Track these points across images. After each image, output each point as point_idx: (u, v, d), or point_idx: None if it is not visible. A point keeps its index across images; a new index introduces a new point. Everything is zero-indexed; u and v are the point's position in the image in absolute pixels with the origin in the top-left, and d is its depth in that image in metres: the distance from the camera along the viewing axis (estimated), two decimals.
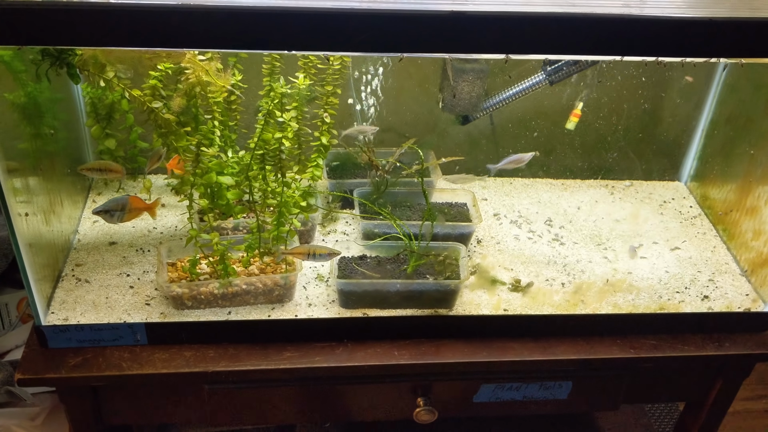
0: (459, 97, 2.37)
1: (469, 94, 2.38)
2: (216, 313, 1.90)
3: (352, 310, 1.94)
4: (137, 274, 2.01)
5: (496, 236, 2.35)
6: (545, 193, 2.58)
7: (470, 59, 2.35)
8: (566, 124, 2.41)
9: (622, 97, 2.53)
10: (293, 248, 1.82)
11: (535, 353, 1.97)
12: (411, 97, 2.51)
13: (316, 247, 1.82)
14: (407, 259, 2.12)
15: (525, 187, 2.62)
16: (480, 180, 2.33)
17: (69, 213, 2.23)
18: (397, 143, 2.39)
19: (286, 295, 1.95)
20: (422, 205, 2.40)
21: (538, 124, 2.56)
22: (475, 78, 2.36)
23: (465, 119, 2.46)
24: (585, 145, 2.59)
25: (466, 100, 2.39)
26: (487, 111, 2.44)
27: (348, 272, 1.99)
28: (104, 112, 2.25)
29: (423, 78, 2.49)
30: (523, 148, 2.62)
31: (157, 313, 1.89)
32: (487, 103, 2.42)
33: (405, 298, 1.94)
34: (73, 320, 1.83)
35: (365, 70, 2.38)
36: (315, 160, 2.12)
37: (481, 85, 2.39)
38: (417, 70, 2.47)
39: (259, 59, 2.23)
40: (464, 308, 2.00)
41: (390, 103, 2.42)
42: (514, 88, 2.40)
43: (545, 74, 2.37)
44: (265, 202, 2.05)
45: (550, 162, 2.63)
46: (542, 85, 2.38)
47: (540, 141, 2.58)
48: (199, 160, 1.89)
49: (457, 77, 2.35)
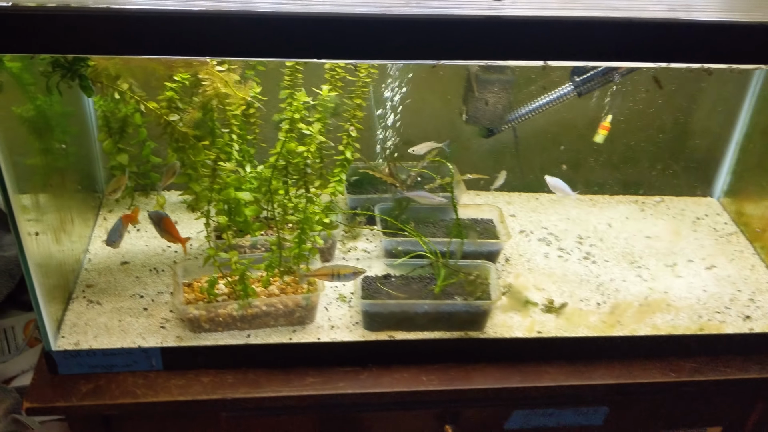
0: (484, 108, 2.28)
1: (495, 106, 2.29)
2: (234, 336, 1.83)
3: (377, 333, 1.86)
4: (151, 296, 1.93)
5: (525, 254, 2.26)
6: (573, 209, 2.48)
7: (496, 69, 2.27)
8: (594, 137, 2.32)
9: (651, 109, 2.44)
10: (316, 270, 1.73)
11: (571, 377, 1.88)
12: (432, 110, 2.42)
13: (340, 266, 1.73)
14: (434, 278, 2.02)
15: (552, 202, 2.52)
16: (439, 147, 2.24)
17: (79, 231, 2.14)
18: (417, 157, 2.30)
19: (307, 317, 1.86)
20: (446, 221, 2.31)
21: (565, 137, 2.46)
22: (500, 89, 2.27)
23: (489, 132, 2.37)
24: (613, 159, 2.50)
25: (491, 112, 2.30)
26: (512, 123, 2.35)
27: (372, 292, 1.89)
28: (117, 126, 2.17)
29: (445, 89, 2.40)
30: (549, 162, 2.53)
31: (173, 336, 1.81)
32: (512, 115, 2.33)
33: (433, 320, 1.86)
34: (85, 345, 1.76)
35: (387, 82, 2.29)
36: (337, 175, 2.02)
37: (507, 97, 2.30)
38: (438, 81, 2.38)
39: (276, 72, 2.15)
40: (495, 330, 1.91)
41: (410, 116, 2.32)
42: (541, 99, 2.31)
43: (573, 85, 2.28)
44: (284, 218, 1.96)
45: (577, 177, 2.53)
46: (570, 97, 2.29)
47: (566, 155, 2.49)
48: (217, 176, 1.79)
49: (482, 88, 2.26)
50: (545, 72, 2.33)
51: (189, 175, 2.03)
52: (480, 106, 2.28)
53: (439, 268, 1.97)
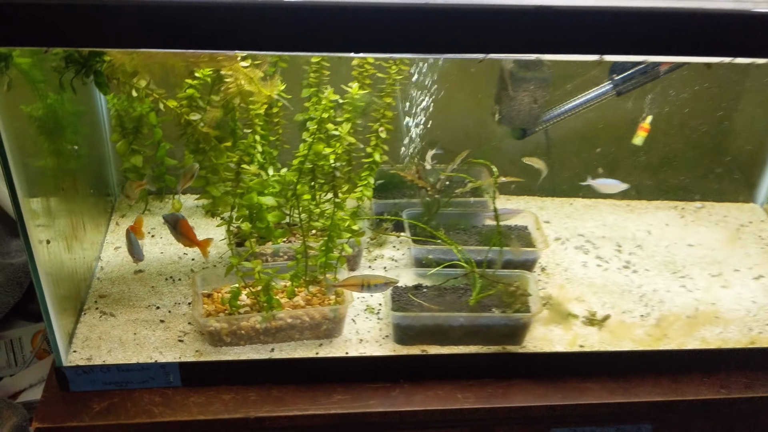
0: (518, 108, 2.17)
1: (530, 105, 2.17)
2: (257, 350, 1.74)
3: (408, 347, 1.77)
4: (168, 306, 1.84)
5: (562, 263, 2.14)
6: (610, 216, 2.37)
7: (531, 66, 2.15)
8: (633, 139, 2.20)
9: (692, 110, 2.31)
10: (345, 280, 1.63)
11: (616, 394, 1.78)
12: (462, 110, 2.30)
13: (370, 276, 1.63)
14: (469, 289, 1.90)
15: (587, 208, 2.41)
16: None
17: (91, 238, 2.03)
18: (444, 160, 2.17)
19: (334, 330, 1.78)
20: (477, 228, 2.19)
21: (601, 139, 2.34)
22: (536, 87, 2.15)
23: (523, 133, 2.25)
24: (652, 162, 2.37)
25: (526, 112, 2.18)
26: (548, 124, 2.23)
27: (403, 304, 1.80)
28: (131, 127, 2.06)
29: (476, 88, 2.28)
30: (584, 166, 2.40)
31: (192, 350, 1.73)
32: (548, 116, 2.21)
33: (468, 334, 1.77)
34: (98, 360, 1.68)
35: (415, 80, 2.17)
36: (365, 179, 1.90)
37: (543, 96, 2.18)
38: (469, 79, 2.26)
39: (297, 69, 2.03)
40: (535, 344, 1.82)
41: (439, 116, 2.20)
42: (578, 99, 2.19)
43: (612, 84, 2.16)
44: (309, 224, 1.84)
45: None
46: (609, 96, 2.17)
47: (602, 158, 2.36)
48: (240, 179, 1.67)
49: (517, 87, 2.14)
50: (582, 70, 2.22)
51: (206, 179, 1.93)
52: (514, 105, 2.16)
53: (474, 278, 1.84)
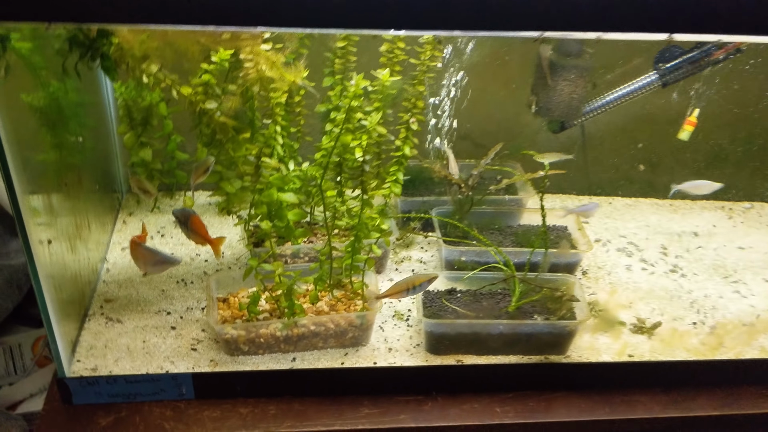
0: (557, 99, 2.01)
1: (570, 96, 2.01)
2: (278, 359, 1.64)
3: (442, 357, 1.66)
4: (179, 312, 1.74)
5: (605, 266, 1.99)
6: (652, 216, 2.22)
7: (572, 53, 1.99)
8: (679, 133, 2.05)
9: (742, 103, 2.16)
10: (390, 289, 1.54)
11: (668, 409, 1.66)
12: (495, 100, 2.15)
13: (413, 278, 1.52)
14: (508, 294, 1.75)
15: (627, 207, 2.26)
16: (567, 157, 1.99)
17: (97, 237, 1.88)
18: (474, 154, 2.02)
19: (361, 338, 1.68)
20: (513, 228, 2.04)
21: (644, 133, 2.19)
22: (577, 76, 1.99)
23: (561, 126, 2.09)
24: (698, 159, 2.22)
25: (566, 103, 2.03)
26: (588, 116, 2.07)
27: (436, 310, 1.70)
28: (139, 118, 1.91)
29: (510, 77, 2.12)
30: (624, 162, 2.25)
31: (206, 360, 1.62)
32: (588, 107, 2.05)
33: (508, 343, 1.66)
34: (104, 370, 1.58)
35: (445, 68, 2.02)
36: (394, 174, 1.75)
37: (584, 85, 2.03)
38: (503, 67, 2.11)
39: (318, 57, 1.88)
40: (580, 354, 1.70)
41: (470, 107, 2.05)
42: (621, 90, 2.04)
43: (658, 74, 2.01)
44: (333, 223, 1.68)
45: (655, 179, 2.25)
46: (654, 87, 2.02)
47: (644, 154, 2.21)
48: (260, 174, 1.52)
49: (556, 75, 1.98)
50: (624, 58, 2.07)
51: (220, 174, 1.78)
52: (553, 95, 2.00)
53: (514, 282, 1.69)
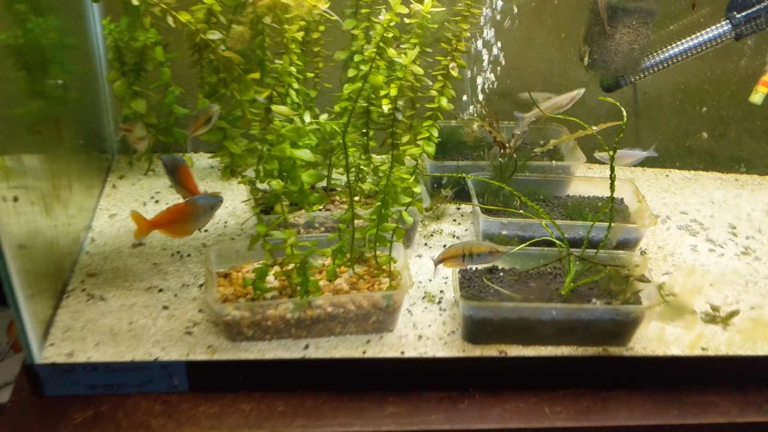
0: (615, 49, 1.76)
1: (630, 46, 1.77)
2: (287, 347, 1.47)
3: (482, 347, 1.49)
4: (174, 289, 1.59)
5: (666, 246, 1.79)
6: (717, 191, 2.02)
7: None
8: (751, 96, 1.80)
9: None
10: (446, 251, 1.39)
11: (747, 412, 1.48)
12: (540, 52, 1.94)
13: (473, 244, 1.39)
14: (560, 273, 1.51)
15: (687, 181, 2.05)
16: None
17: (80, 202, 1.70)
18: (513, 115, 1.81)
19: (387, 323, 1.51)
20: (561, 198, 1.79)
21: (709, 95, 1.98)
22: (640, 23, 1.76)
23: (615, 83, 1.85)
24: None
25: (624, 54, 1.79)
26: (649, 72, 1.82)
27: (476, 291, 1.56)
28: (132, 63, 1.67)
29: (558, 24, 1.87)
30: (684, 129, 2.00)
31: (203, 346, 1.46)
32: (649, 61, 1.80)
33: (561, 331, 1.49)
34: (82, 356, 1.42)
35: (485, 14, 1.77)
36: (427, 130, 1.50)
37: (646, 34, 1.78)
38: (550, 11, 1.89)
39: None
40: (644, 346, 1.52)
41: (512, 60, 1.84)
42: (687, 42, 1.79)
43: (731, 24, 1.75)
44: (356, 186, 1.43)
45: (720, 150, 2.05)
46: (725, 39, 1.77)
47: (708, 120, 1.97)
48: (270, 121, 1.28)
49: (615, 21, 1.76)
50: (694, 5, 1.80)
51: (224, 131, 1.55)
52: (610, 45, 1.75)
53: (569, 260, 1.44)
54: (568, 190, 1.83)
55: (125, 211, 1.78)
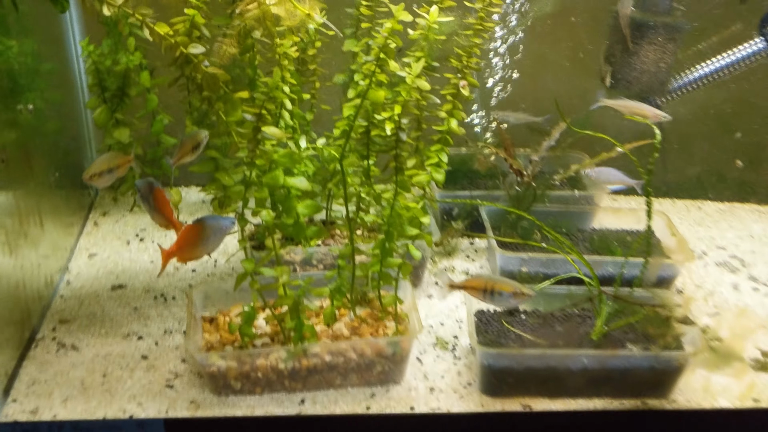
0: (640, 67, 1.66)
1: (656, 65, 1.66)
2: (280, 402, 1.35)
3: (503, 400, 1.36)
4: (155, 336, 1.49)
5: (704, 284, 1.68)
6: (755, 224, 1.95)
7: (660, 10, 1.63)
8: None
9: None
10: (467, 280, 1.28)
11: None
12: (554, 72, 1.86)
13: (496, 280, 1.26)
14: (589, 315, 1.36)
15: (721, 213, 1.99)
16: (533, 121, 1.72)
17: (54, 240, 1.57)
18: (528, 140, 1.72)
19: (393, 373, 1.38)
20: (586, 232, 1.66)
21: (743, 119, 1.86)
22: (666, 40, 1.67)
23: None
24: None
25: (650, 74, 1.70)
26: (676, 94, 1.69)
27: (495, 336, 1.41)
28: (114, 88, 1.54)
29: (576, 43, 1.78)
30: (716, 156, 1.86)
31: (185, 401, 1.34)
32: (677, 82, 1.69)
33: (593, 381, 1.35)
34: (47, 413, 1.31)
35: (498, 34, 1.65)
36: (435, 155, 1.36)
37: (674, 52, 1.67)
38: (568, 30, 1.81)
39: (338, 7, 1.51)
40: (687, 397, 1.38)
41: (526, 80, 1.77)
42: (719, 61, 1.67)
43: (766, 41, 1.63)
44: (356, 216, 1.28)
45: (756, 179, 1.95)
46: (761, 57, 1.68)
47: (743, 146, 1.88)
48: (260, 144, 1.14)
49: (640, 37, 1.67)
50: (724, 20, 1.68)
51: (215, 162, 1.40)
52: (635, 63, 1.64)
53: (600, 300, 1.28)
54: (593, 223, 1.69)
55: (106, 251, 1.65)
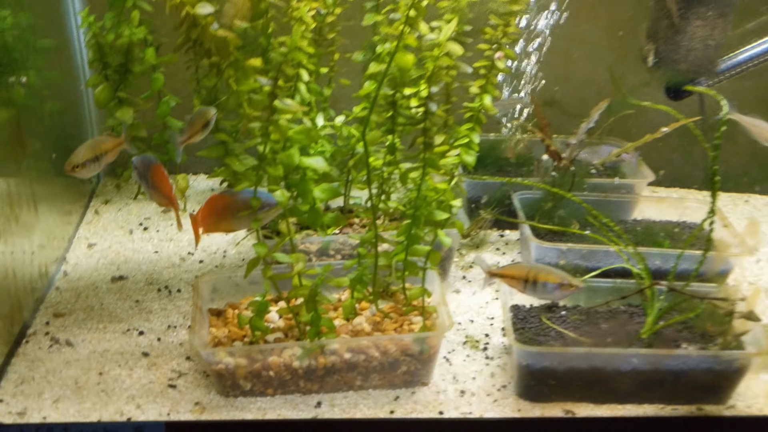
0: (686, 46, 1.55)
1: (704, 43, 1.56)
2: (294, 404, 1.27)
3: (543, 404, 1.26)
4: (157, 331, 1.41)
5: (759, 280, 1.62)
6: None
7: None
8: None
9: None
10: (506, 267, 1.19)
11: None
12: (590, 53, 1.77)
13: (540, 269, 1.16)
14: (636, 312, 1.26)
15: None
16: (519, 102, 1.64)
17: (50, 228, 1.52)
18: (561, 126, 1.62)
19: (419, 374, 1.29)
20: (628, 223, 1.57)
21: None
22: (716, 15, 1.57)
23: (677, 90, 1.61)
24: None
25: (698, 52, 1.59)
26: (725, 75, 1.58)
27: (533, 334, 1.29)
28: (116, 63, 1.43)
29: (615, 20, 1.71)
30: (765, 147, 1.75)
31: (189, 403, 1.26)
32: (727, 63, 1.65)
33: (643, 385, 1.24)
34: (36, 415, 1.24)
35: None
36: (467, 135, 1.25)
37: (725, 29, 1.56)
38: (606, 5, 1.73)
39: None
40: (747, 403, 1.28)
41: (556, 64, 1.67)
42: None
43: None
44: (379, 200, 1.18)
45: None
46: None
47: None
48: (274, 120, 1.03)
49: (687, 12, 1.60)
50: None
51: (225, 146, 1.31)
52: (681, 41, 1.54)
53: (650, 295, 1.17)
54: (634, 213, 1.57)
55: (107, 241, 1.57)
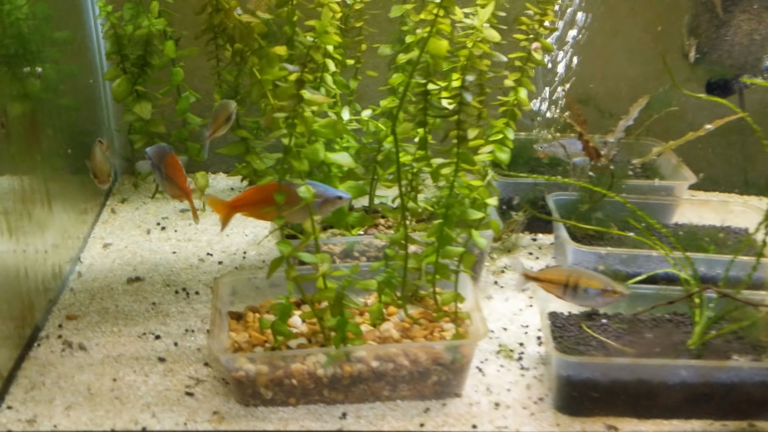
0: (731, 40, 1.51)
1: (750, 37, 1.52)
2: (318, 415, 1.22)
3: (584, 420, 1.21)
4: (174, 336, 1.36)
5: None
6: None
7: None
8: None
9: None
10: (545, 271, 1.13)
11: None
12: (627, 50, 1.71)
13: (582, 273, 1.10)
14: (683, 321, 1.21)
15: None
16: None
17: (64, 227, 1.49)
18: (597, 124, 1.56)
19: (451, 384, 1.24)
20: (669, 227, 1.52)
21: None
22: (762, 7, 1.51)
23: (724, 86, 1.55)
24: None
25: (743, 47, 1.54)
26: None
27: (573, 343, 1.22)
28: (134, 56, 1.38)
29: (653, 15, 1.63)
30: None
31: (207, 412, 1.22)
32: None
33: (692, 399, 1.18)
34: (46, 423, 1.20)
35: None
36: (501, 130, 1.19)
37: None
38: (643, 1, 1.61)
39: None
40: None
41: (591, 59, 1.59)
42: None
43: None
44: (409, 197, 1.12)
45: None
46: None
47: None
48: (299, 114, 0.97)
49: (732, 5, 1.55)
50: None
51: (246, 143, 1.27)
52: (726, 35, 1.48)
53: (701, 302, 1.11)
54: (675, 217, 1.49)
55: (123, 241, 1.53)
